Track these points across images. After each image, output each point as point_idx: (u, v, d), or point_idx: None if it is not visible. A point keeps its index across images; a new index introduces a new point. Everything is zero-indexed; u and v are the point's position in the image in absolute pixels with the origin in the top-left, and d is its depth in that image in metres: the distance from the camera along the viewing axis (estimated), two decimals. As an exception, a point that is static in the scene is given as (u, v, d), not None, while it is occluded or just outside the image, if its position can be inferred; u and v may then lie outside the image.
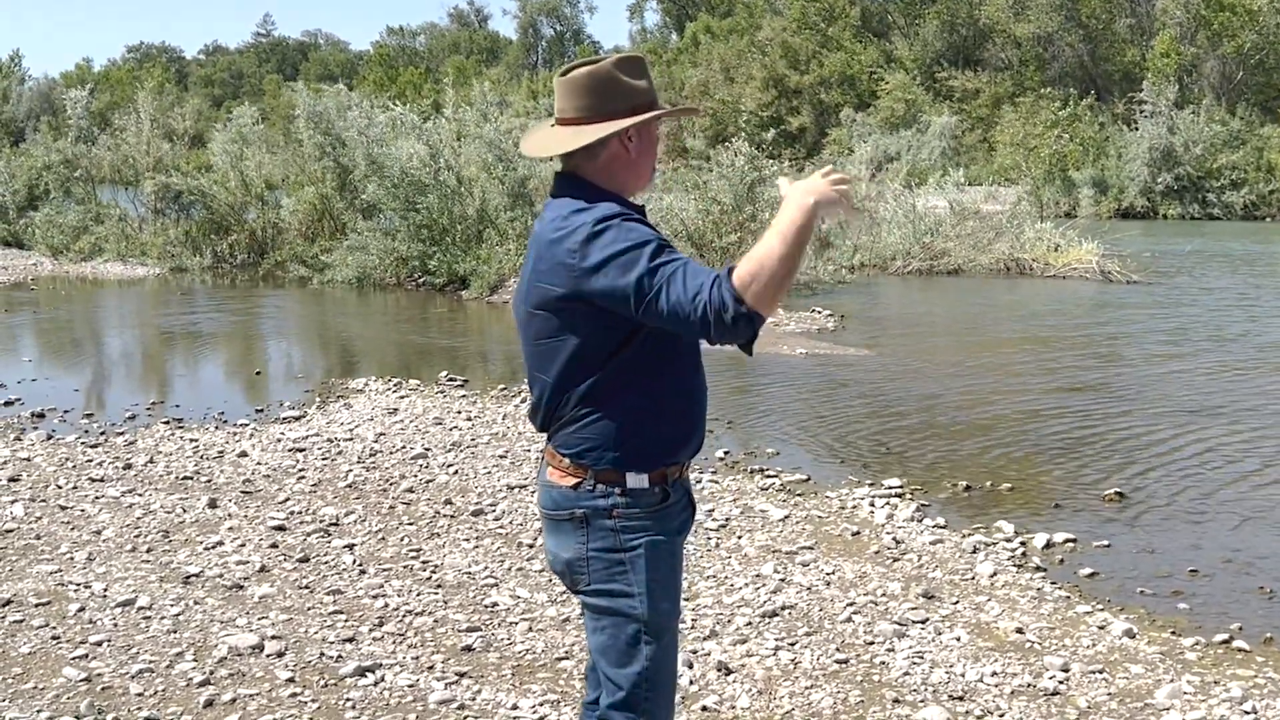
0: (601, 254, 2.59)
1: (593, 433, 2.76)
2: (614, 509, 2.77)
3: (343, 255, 20.11)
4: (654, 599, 2.79)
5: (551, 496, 2.85)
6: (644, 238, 2.59)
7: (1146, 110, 42.64)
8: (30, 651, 4.77)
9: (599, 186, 2.77)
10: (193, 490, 7.33)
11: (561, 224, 2.68)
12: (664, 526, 2.82)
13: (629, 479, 2.76)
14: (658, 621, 2.81)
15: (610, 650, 2.82)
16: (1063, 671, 4.67)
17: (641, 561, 2.78)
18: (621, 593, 2.78)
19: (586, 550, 2.79)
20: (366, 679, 4.53)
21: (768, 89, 61.02)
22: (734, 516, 6.80)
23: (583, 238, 2.62)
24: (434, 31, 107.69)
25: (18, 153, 31.84)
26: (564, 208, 2.73)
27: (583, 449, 2.78)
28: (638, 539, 2.77)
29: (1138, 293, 18.78)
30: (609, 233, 2.60)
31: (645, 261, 2.54)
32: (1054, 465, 8.30)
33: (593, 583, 2.81)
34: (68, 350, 14.33)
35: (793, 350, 13.11)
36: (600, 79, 2.77)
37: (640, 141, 2.82)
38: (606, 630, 2.82)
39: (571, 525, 2.81)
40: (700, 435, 2.93)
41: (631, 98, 2.78)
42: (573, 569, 2.83)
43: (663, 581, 2.82)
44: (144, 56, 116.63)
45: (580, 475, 2.79)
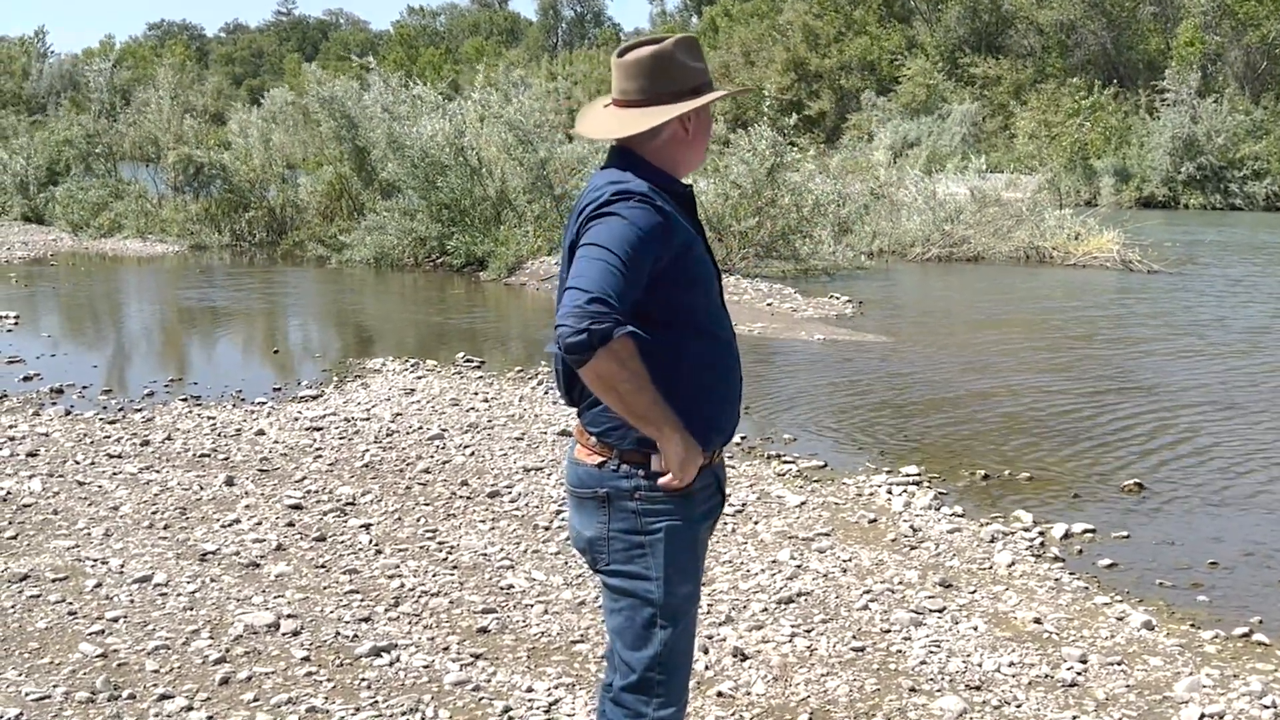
0: (592, 227, 2.65)
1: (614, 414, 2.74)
2: (636, 491, 2.76)
3: (361, 235, 20.11)
4: (671, 584, 2.78)
5: (577, 474, 2.85)
6: (628, 241, 2.59)
7: (1169, 99, 42.33)
8: (47, 626, 4.78)
9: (650, 164, 2.80)
10: (210, 468, 7.34)
11: (596, 191, 2.72)
12: (687, 512, 2.80)
13: (654, 460, 2.74)
14: (674, 607, 2.80)
15: (626, 632, 2.82)
16: (1081, 663, 4.64)
17: (661, 545, 2.77)
18: (639, 575, 2.78)
19: (608, 530, 2.79)
20: (382, 659, 4.53)
21: (788, 72, 60.75)
22: (750, 502, 6.78)
23: (599, 200, 2.68)
24: (454, 12, 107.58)
25: (39, 125, 31.95)
26: (605, 177, 2.77)
27: (608, 427, 2.77)
28: (658, 522, 2.76)
29: (1159, 282, 18.67)
30: (613, 217, 2.63)
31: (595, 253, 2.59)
32: (1073, 455, 8.26)
33: (612, 563, 2.81)
34: (87, 326, 14.38)
35: (810, 336, 13.07)
36: (663, 60, 2.80)
37: (697, 122, 2.86)
38: (623, 611, 2.82)
39: (595, 504, 2.81)
40: (731, 421, 2.90)
41: (692, 78, 2.83)
42: (593, 547, 2.84)
43: (682, 567, 2.81)
44: (165, 34, 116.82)
45: (605, 454, 2.79)
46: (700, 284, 2.78)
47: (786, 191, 18.96)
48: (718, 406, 2.85)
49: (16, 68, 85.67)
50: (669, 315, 2.71)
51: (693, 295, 2.76)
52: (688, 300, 2.75)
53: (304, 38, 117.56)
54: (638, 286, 2.61)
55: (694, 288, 2.76)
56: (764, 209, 18.63)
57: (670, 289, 2.70)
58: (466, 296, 16.94)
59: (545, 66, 67.88)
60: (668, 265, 2.68)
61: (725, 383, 2.86)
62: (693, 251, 2.75)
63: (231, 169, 23.13)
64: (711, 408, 2.82)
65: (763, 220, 18.65)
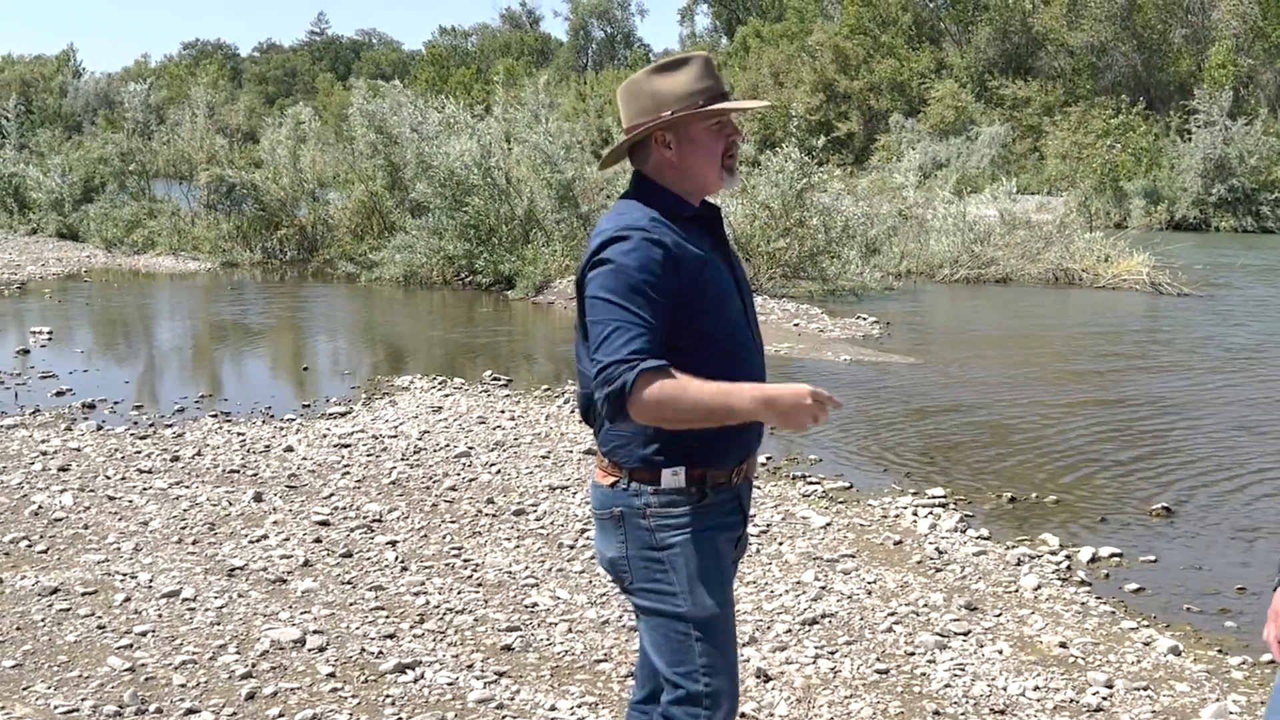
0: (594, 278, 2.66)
1: (625, 430, 2.73)
2: (647, 508, 2.75)
3: (390, 253, 20.23)
4: (697, 594, 2.75)
5: (596, 497, 2.86)
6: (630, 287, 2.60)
7: (1200, 120, 42.14)
8: (76, 640, 4.83)
9: (661, 187, 2.79)
10: (239, 483, 7.40)
11: (598, 234, 2.72)
12: (703, 522, 2.77)
13: (664, 477, 2.73)
14: (704, 617, 2.76)
15: (663, 649, 2.79)
16: (1106, 688, 4.62)
17: (680, 559, 2.75)
18: (664, 591, 2.76)
19: (626, 550, 2.79)
20: (406, 676, 4.55)
21: (817, 93, 60.84)
22: (775, 523, 6.78)
23: (593, 249, 2.69)
24: (486, 32, 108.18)
25: (75, 144, 32.31)
26: (613, 212, 2.78)
27: (615, 445, 2.77)
28: (673, 536, 2.74)
29: (1189, 305, 18.55)
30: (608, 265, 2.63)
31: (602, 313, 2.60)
32: (1100, 478, 8.22)
33: (635, 582, 2.80)
34: (119, 342, 14.51)
35: (837, 356, 13.06)
36: (629, 87, 2.80)
37: (681, 145, 2.77)
38: (657, 629, 2.80)
39: (612, 524, 2.81)
40: (747, 438, 2.83)
41: (661, 101, 2.74)
42: (616, 568, 2.83)
43: (705, 576, 2.77)
44: (200, 53, 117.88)
45: (616, 474, 2.78)
46: (715, 306, 2.73)
47: (815, 213, 18.98)
48: (732, 427, 2.76)
49: (54, 85, 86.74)
50: (686, 340, 2.68)
51: (708, 318, 2.71)
52: (704, 324, 2.71)
53: (336, 57, 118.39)
54: (658, 323, 2.60)
55: (708, 311, 2.72)
56: (792, 230, 18.65)
57: (686, 314, 2.67)
58: (494, 315, 17.01)
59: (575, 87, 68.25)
60: (683, 292, 2.65)
61: None
62: (705, 275, 2.70)
63: (263, 188, 23.32)
64: (725, 429, 2.73)
65: (791, 241, 18.68)
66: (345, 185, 24.27)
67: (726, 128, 2.81)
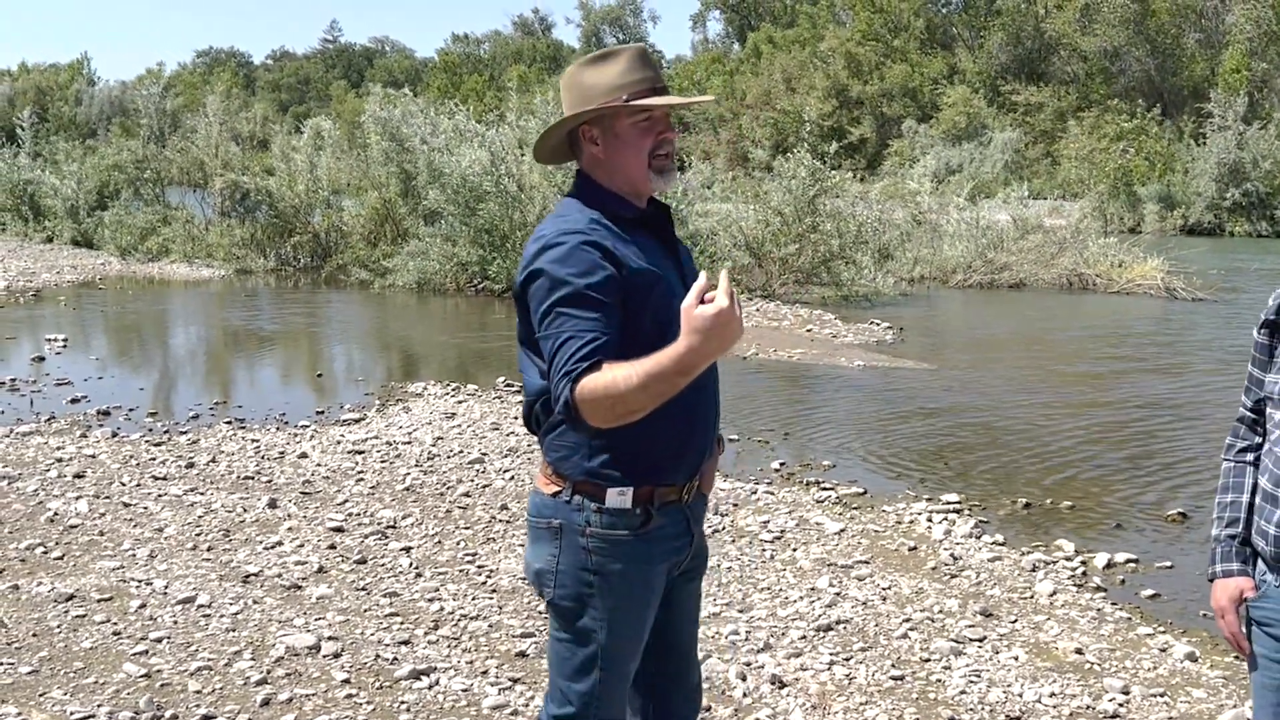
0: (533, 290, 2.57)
1: (570, 440, 2.64)
2: (587, 526, 2.65)
3: (404, 260, 20.26)
4: (615, 629, 2.68)
5: (534, 502, 2.76)
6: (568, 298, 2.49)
7: (1214, 124, 42.02)
8: (92, 646, 4.84)
9: (598, 184, 2.71)
10: (253, 490, 7.41)
11: (538, 229, 2.65)
12: (642, 551, 2.68)
13: (610, 496, 2.63)
14: (615, 652, 2.70)
15: (565, 664, 2.73)
16: (1123, 694, 4.60)
17: (609, 589, 2.66)
18: (585, 616, 2.68)
19: (557, 564, 2.68)
20: (421, 682, 4.55)
21: (829, 99, 60.84)
22: (789, 529, 6.77)
23: (528, 257, 2.59)
24: (498, 39, 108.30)
25: (88, 149, 32.45)
26: (558, 209, 2.71)
27: (560, 456, 2.67)
28: (610, 564, 2.65)
29: (1204, 310, 18.49)
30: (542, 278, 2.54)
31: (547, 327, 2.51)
32: (1115, 484, 8.19)
33: (557, 598, 2.70)
34: (134, 349, 14.56)
35: (850, 362, 13.04)
36: (564, 81, 2.73)
37: (606, 140, 2.67)
38: (564, 644, 2.73)
39: (548, 534, 2.70)
40: (694, 455, 2.73)
41: (589, 95, 2.65)
42: (541, 579, 2.73)
43: (628, 613, 2.69)
44: (213, 61, 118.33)
45: (560, 484, 2.68)
46: (655, 313, 2.59)
47: (827, 218, 18.97)
48: (682, 439, 2.69)
49: (69, 94, 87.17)
50: (630, 336, 2.53)
51: (648, 327, 2.57)
52: (644, 332, 2.55)
53: (349, 65, 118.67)
54: (608, 328, 2.49)
55: (645, 318, 2.58)
56: (805, 235, 18.64)
57: (627, 322, 2.55)
58: (507, 321, 17.01)
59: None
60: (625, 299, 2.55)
61: (688, 415, 2.67)
62: (645, 280, 2.59)
63: (277, 194, 23.39)
64: (675, 439, 2.67)
65: (804, 247, 18.67)
66: (359, 192, 24.32)
67: (657, 124, 2.68)
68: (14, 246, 26.83)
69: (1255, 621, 2.73)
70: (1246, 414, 2.84)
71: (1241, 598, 2.73)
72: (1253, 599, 2.72)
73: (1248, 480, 2.78)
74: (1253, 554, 2.75)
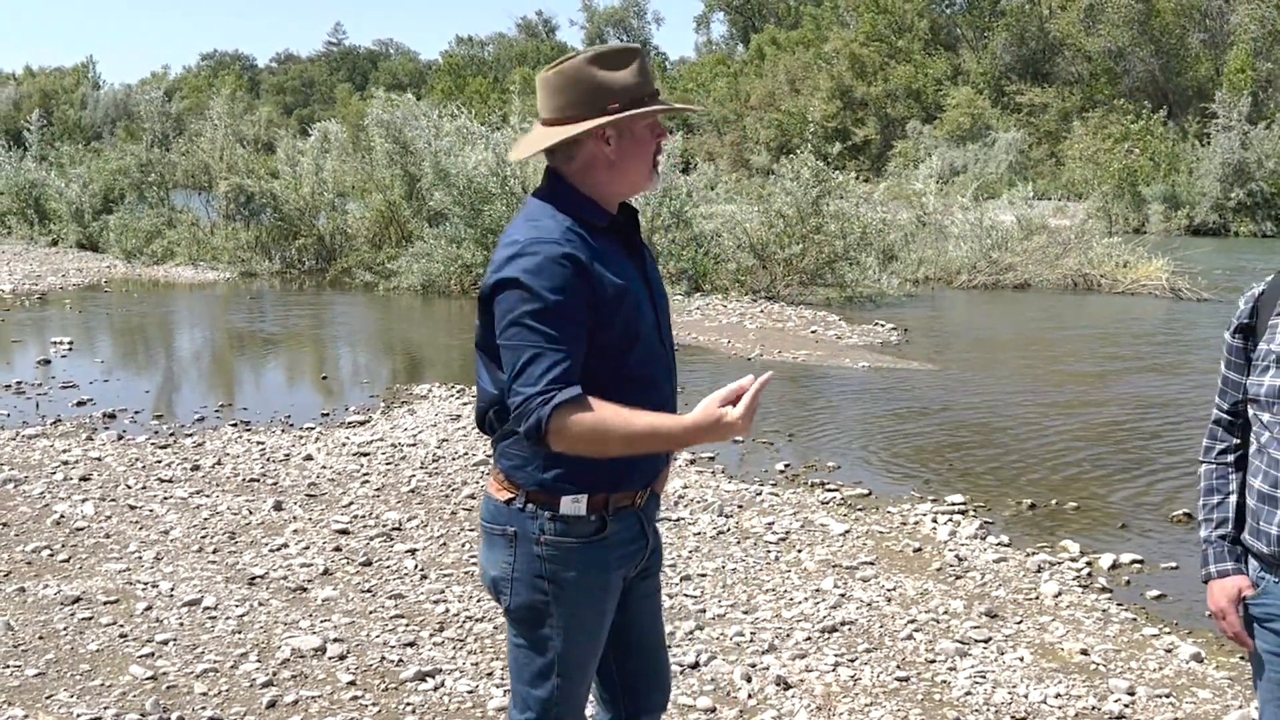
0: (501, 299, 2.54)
1: (524, 450, 2.62)
2: (541, 534, 2.64)
3: (409, 262, 20.27)
4: (571, 637, 2.69)
5: (488, 507, 2.74)
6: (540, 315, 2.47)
7: (1219, 124, 41.97)
8: (98, 649, 4.85)
9: (575, 190, 2.65)
10: (259, 492, 7.42)
11: (505, 245, 2.58)
12: (597, 558, 2.68)
13: (564, 503, 2.63)
14: (572, 658, 2.71)
15: (524, 670, 2.74)
16: (1128, 695, 4.60)
17: (564, 597, 2.66)
18: (541, 622, 2.68)
19: (512, 572, 2.67)
20: (426, 684, 4.56)
21: (833, 100, 60.85)
22: (794, 530, 6.77)
23: (499, 262, 2.56)
24: (502, 42, 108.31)
25: (92, 152, 32.48)
26: (528, 212, 2.65)
27: (513, 465, 2.66)
28: (564, 572, 2.65)
29: (1209, 311, 18.47)
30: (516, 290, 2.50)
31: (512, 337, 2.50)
32: (1121, 485, 8.19)
33: (513, 605, 2.70)
34: (139, 352, 14.58)
35: (855, 363, 13.04)
36: (568, 77, 2.62)
37: (622, 142, 2.64)
38: (523, 650, 2.73)
39: (503, 542, 2.69)
40: (650, 462, 2.73)
41: (606, 95, 2.60)
42: (497, 587, 2.72)
43: (585, 621, 2.70)
44: (218, 64, 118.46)
45: (513, 491, 2.67)
46: (624, 324, 2.60)
47: (831, 219, 18.97)
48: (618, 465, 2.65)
49: (75, 97, 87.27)
50: (592, 362, 2.55)
51: (616, 338, 2.59)
52: (611, 343, 2.58)
53: (354, 68, 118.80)
54: (575, 346, 2.49)
55: (614, 329, 2.58)
56: (809, 236, 18.64)
57: (594, 333, 2.55)
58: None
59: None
60: (595, 310, 2.54)
61: None
62: (615, 292, 2.57)
63: (282, 197, 23.41)
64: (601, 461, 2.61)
65: (808, 248, 18.67)
66: (363, 194, 24.34)
67: (657, 128, 2.71)
68: (19, 250, 26.88)
69: (1256, 619, 2.76)
70: (1223, 416, 2.89)
71: (1240, 596, 2.76)
72: (1251, 597, 2.75)
73: (1232, 482, 2.83)
74: (1244, 553, 2.78)
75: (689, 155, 27.70)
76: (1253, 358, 2.76)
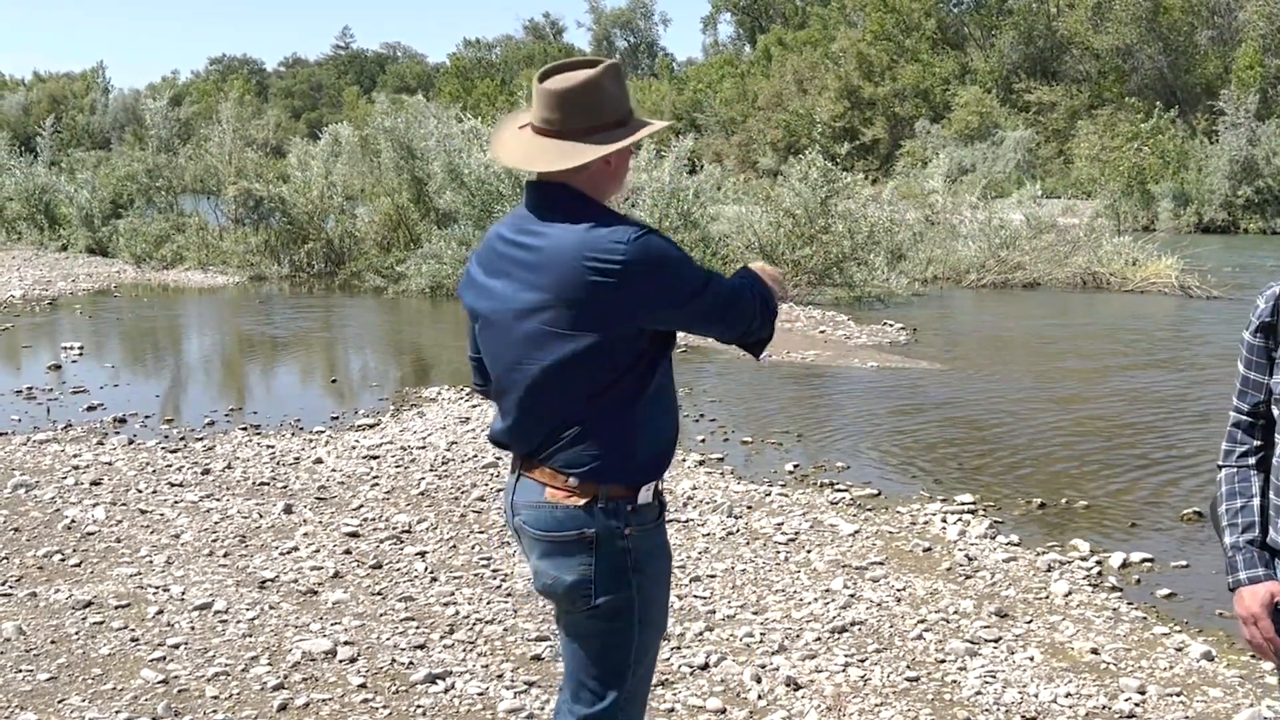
0: (650, 268, 2.59)
1: (603, 449, 2.67)
2: (626, 528, 2.70)
3: (417, 264, 20.29)
4: (648, 621, 2.78)
5: (554, 517, 2.72)
6: (684, 255, 2.68)
7: (1227, 121, 41.85)
8: (109, 653, 4.87)
9: (588, 196, 2.70)
10: (269, 496, 7.44)
11: (586, 237, 2.60)
12: (663, 541, 2.82)
13: (641, 494, 2.71)
14: (649, 644, 2.81)
15: (602, 664, 2.77)
16: (1139, 694, 4.59)
17: (647, 584, 2.75)
18: (625, 614, 2.73)
19: (594, 571, 2.70)
20: (437, 686, 4.57)
21: (841, 100, 60.79)
22: (803, 530, 6.77)
23: (622, 253, 2.57)
24: (509, 44, 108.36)
25: (101, 159, 32.58)
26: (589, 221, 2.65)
27: (592, 466, 2.68)
28: (646, 561, 2.75)
29: (1218, 308, 18.43)
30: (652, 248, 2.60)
31: (698, 281, 2.69)
32: (1131, 483, 8.18)
33: (601, 604, 2.72)
34: (149, 356, 14.62)
35: (864, 363, 13.03)
36: (591, 92, 2.67)
37: (621, 154, 2.74)
38: (599, 644, 2.77)
39: (580, 545, 2.70)
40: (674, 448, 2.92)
41: (616, 110, 2.71)
42: (578, 590, 2.73)
43: (660, 601, 2.83)
44: (226, 69, 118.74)
45: (590, 494, 2.69)
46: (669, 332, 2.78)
47: (839, 219, 18.95)
48: (676, 433, 2.84)
49: (84, 103, 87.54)
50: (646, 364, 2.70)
51: (664, 341, 2.74)
52: (661, 347, 2.74)
53: (362, 71, 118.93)
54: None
55: (667, 335, 2.75)
56: (817, 237, 18.63)
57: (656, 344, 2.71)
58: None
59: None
60: None
61: (671, 415, 2.82)
62: None
63: (290, 201, 23.46)
64: (674, 434, 2.82)
65: (817, 250, 18.66)
66: (371, 198, 24.37)
67: None
68: (30, 255, 26.95)
69: None
70: (1243, 418, 2.80)
71: (1274, 602, 2.71)
72: None
73: (1254, 484, 2.77)
74: (1271, 557, 2.74)
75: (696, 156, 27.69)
76: (1275, 357, 2.72)
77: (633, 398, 2.68)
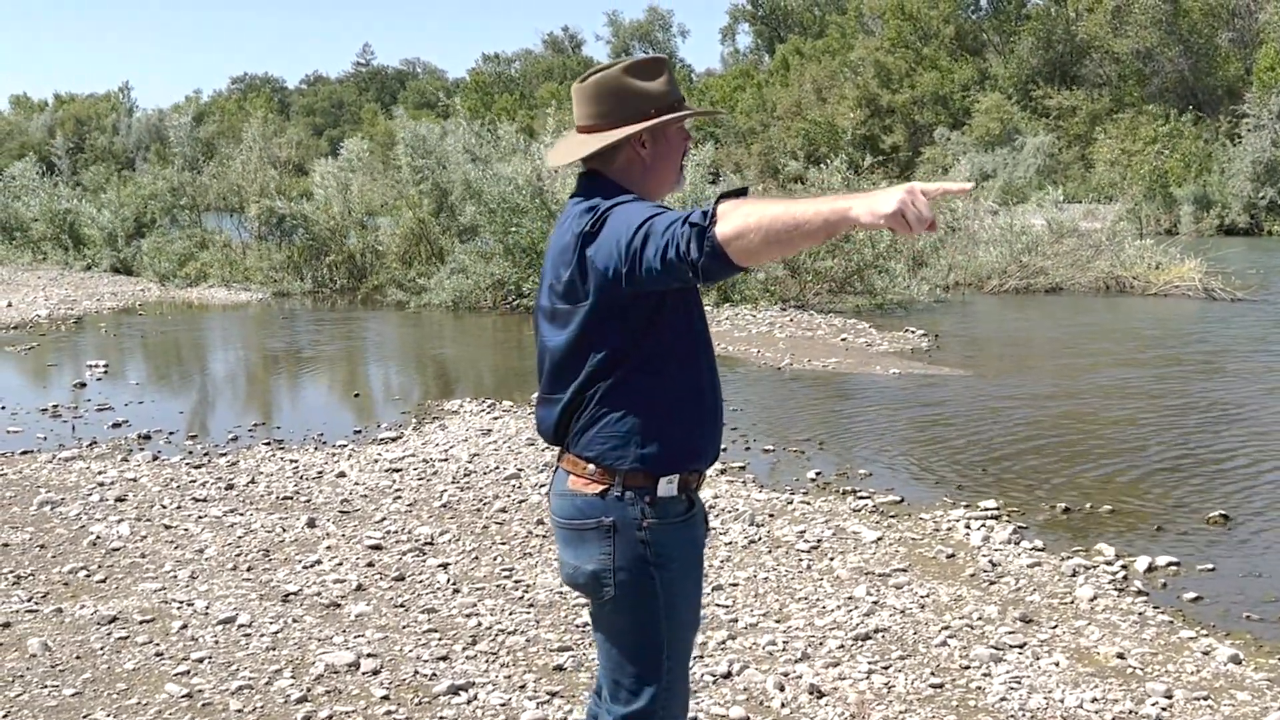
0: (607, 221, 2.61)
1: (616, 431, 2.71)
2: (643, 519, 2.70)
3: (440, 279, 20.35)
4: (677, 616, 2.76)
5: (575, 505, 2.77)
6: (651, 210, 2.54)
7: (1249, 124, 41.63)
8: (134, 667, 4.89)
9: (619, 186, 2.76)
10: (292, 510, 7.47)
11: (583, 213, 2.69)
12: (691, 537, 2.80)
13: (661, 485, 2.71)
14: (677, 636, 2.78)
15: (631, 659, 2.77)
16: (1166, 698, 4.56)
17: (670, 578, 2.73)
18: (647, 607, 2.73)
19: (613, 562, 2.71)
20: (460, 697, 4.57)
21: (860, 108, 60.71)
22: (826, 538, 6.75)
23: (596, 214, 2.65)
24: (528, 58, 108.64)
25: (125, 179, 32.82)
26: (585, 202, 2.74)
27: (606, 449, 2.72)
28: (669, 552, 2.73)
29: (1243, 310, 18.31)
30: (619, 207, 2.62)
31: (638, 220, 2.52)
32: (1156, 487, 8.12)
33: (619, 595, 2.73)
34: (173, 373, 14.69)
35: (886, 370, 12.99)
36: (606, 86, 2.77)
37: (656, 146, 2.79)
38: (628, 638, 2.77)
39: (597, 535, 2.73)
40: (719, 438, 2.88)
41: (643, 102, 2.76)
42: (598, 579, 2.74)
43: (688, 594, 2.80)
44: (248, 87, 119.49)
45: (606, 481, 2.72)
46: (681, 308, 2.75)
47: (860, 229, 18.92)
48: (715, 424, 2.83)
49: (107, 123, 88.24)
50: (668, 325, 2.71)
51: (675, 319, 2.73)
52: (671, 324, 2.72)
53: (382, 87, 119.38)
54: None
55: (676, 312, 2.73)
56: (839, 245, 18.61)
57: (654, 314, 2.68)
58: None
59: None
60: None
61: (716, 398, 2.85)
62: None
63: (313, 218, 23.58)
64: (709, 425, 2.81)
65: (839, 258, 18.63)
66: (393, 212, 24.47)
67: (684, 131, 2.86)
68: (55, 275, 27.13)
69: None
70: None
71: None
72: None
73: None
74: None
75: (716, 166, 27.70)
76: None
77: (644, 383, 2.70)
